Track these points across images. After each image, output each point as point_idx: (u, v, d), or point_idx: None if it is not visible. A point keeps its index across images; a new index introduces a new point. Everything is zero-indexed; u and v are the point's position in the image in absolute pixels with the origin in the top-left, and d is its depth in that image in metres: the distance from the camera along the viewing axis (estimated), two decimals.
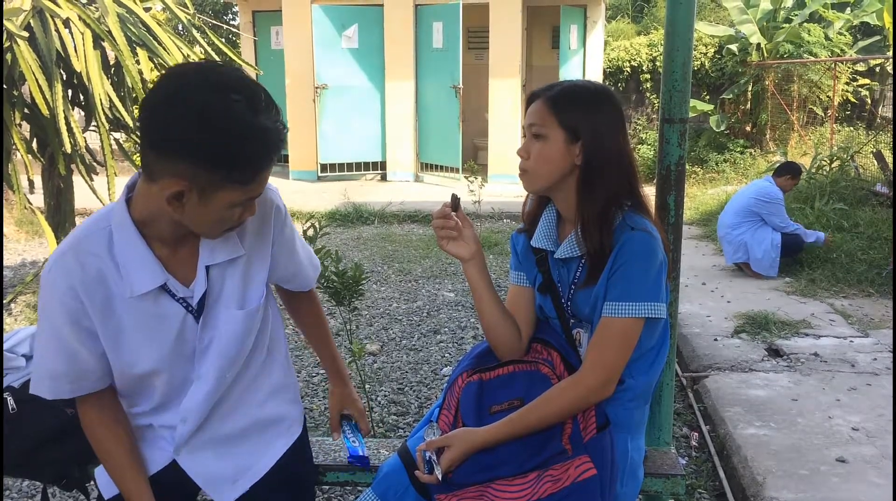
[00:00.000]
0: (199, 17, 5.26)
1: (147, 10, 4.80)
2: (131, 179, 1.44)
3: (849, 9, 11.83)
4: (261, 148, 1.31)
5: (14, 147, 4.25)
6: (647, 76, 12.57)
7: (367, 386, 3.78)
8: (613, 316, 1.61)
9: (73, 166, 4.55)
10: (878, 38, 11.72)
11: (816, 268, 5.97)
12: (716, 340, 4.54)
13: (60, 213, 4.81)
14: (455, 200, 1.72)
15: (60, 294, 1.39)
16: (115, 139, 4.70)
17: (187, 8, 4.99)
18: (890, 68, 11.50)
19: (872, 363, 4.11)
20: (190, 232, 1.43)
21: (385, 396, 3.82)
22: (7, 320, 4.95)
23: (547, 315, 1.79)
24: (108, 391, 1.53)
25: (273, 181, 1.54)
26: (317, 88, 10.65)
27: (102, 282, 1.40)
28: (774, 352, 4.34)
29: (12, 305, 5.22)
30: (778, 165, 6.92)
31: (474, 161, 10.08)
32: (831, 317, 4.92)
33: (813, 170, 8.54)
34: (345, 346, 4.43)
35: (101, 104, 4.15)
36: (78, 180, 4.76)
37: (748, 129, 11.96)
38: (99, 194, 4.46)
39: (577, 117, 1.63)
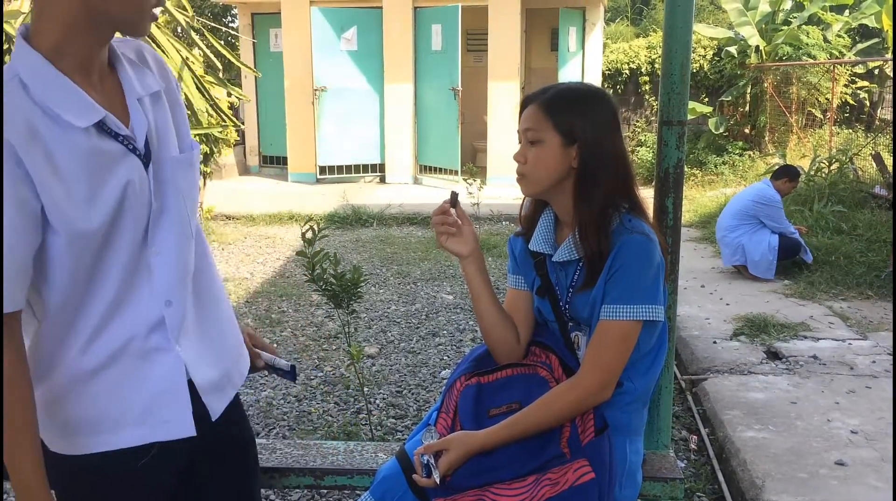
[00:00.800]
0: (197, 20, 5.26)
1: None
2: (22, 26, 1.25)
3: (847, 11, 11.85)
4: None
5: None
6: (646, 78, 12.59)
7: (365, 389, 3.77)
8: (611, 319, 1.61)
9: None
10: (876, 40, 11.74)
11: (815, 270, 5.96)
12: (715, 342, 4.54)
13: None
14: (454, 196, 1.73)
15: None
16: None
17: (186, 11, 4.98)
18: (889, 70, 11.51)
19: (871, 366, 4.11)
20: (104, 60, 1.29)
21: (383, 399, 3.82)
22: None
23: (545, 319, 1.79)
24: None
25: (272, 183, 1.47)
26: (316, 90, 10.65)
27: (35, 135, 1.17)
28: (773, 355, 4.33)
29: None
30: (776, 168, 6.93)
31: (473, 163, 10.12)
32: (830, 320, 4.91)
33: (812, 172, 8.55)
34: (343, 348, 4.42)
35: None
36: None
37: (747, 131, 11.97)
38: None
39: (571, 120, 1.63)
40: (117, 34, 1.29)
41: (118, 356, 1.30)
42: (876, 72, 11.83)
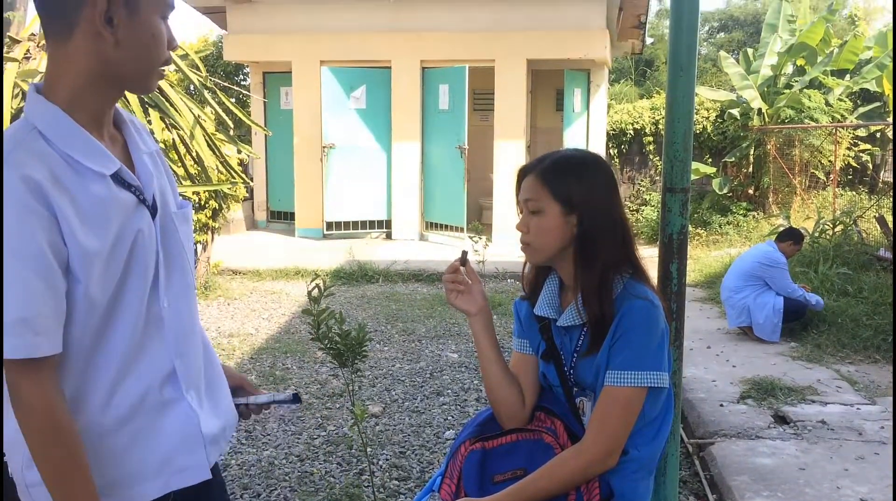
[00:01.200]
0: (210, 79, 5.38)
1: None
2: (32, 85, 1.29)
3: (848, 76, 12.05)
4: None
5: None
6: (650, 138, 12.74)
7: (368, 450, 3.73)
8: (616, 385, 1.61)
9: None
10: (878, 104, 11.91)
11: (822, 333, 5.93)
12: (722, 405, 4.50)
13: None
14: (464, 255, 1.79)
15: (21, 205, 1.15)
16: None
17: (199, 70, 5.10)
18: (890, 134, 11.65)
19: (880, 432, 4.05)
20: (111, 118, 1.34)
21: (386, 459, 3.77)
22: None
23: (550, 383, 1.79)
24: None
25: (279, 238, 1.49)
26: (324, 147, 10.81)
27: (58, 181, 1.19)
28: (781, 419, 4.28)
29: None
30: (781, 230, 6.96)
31: (479, 221, 10.17)
32: (838, 383, 4.87)
33: (816, 234, 8.57)
34: (347, 407, 4.39)
35: None
36: None
37: (751, 192, 12.06)
38: None
39: (569, 188, 1.67)
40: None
41: (136, 410, 1.30)
42: (878, 135, 11.97)
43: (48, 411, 1.18)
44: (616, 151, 12.88)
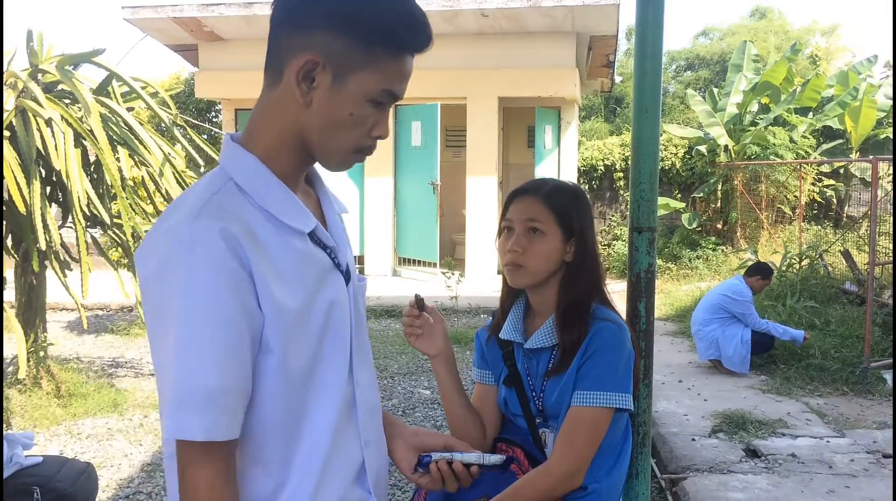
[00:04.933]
0: (180, 117, 5.38)
1: (130, 110, 4.90)
2: (227, 134, 1.19)
3: (811, 113, 12.35)
4: (410, 22, 1.13)
5: None
6: (621, 174, 12.92)
7: None
8: (583, 405, 1.63)
9: (46, 263, 4.53)
10: (840, 141, 12.20)
11: (791, 366, 5.99)
12: (694, 439, 4.50)
13: (31, 309, 4.75)
14: (419, 300, 1.74)
15: (217, 261, 1.00)
16: (90, 235, 4.70)
17: (170, 108, 5.10)
18: (853, 170, 11.92)
19: (850, 465, 4.08)
20: (304, 174, 1.22)
21: None
22: None
23: (512, 412, 1.79)
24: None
25: None
26: None
27: (254, 238, 1.06)
28: (752, 453, 4.30)
29: None
30: (750, 264, 7.05)
31: (452, 257, 10.20)
32: (807, 416, 4.91)
33: (783, 268, 8.70)
34: None
35: (79, 201, 4.17)
36: (50, 276, 4.73)
37: (719, 226, 12.24)
38: (72, 290, 4.43)
39: (571, 215, 1.71)
40: None
41: None
42: (841, 171, 12.24)
43: None
44: (587, 186, 13.04)
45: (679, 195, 12.64)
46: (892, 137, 11.47)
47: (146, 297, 1.04)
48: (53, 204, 4.70)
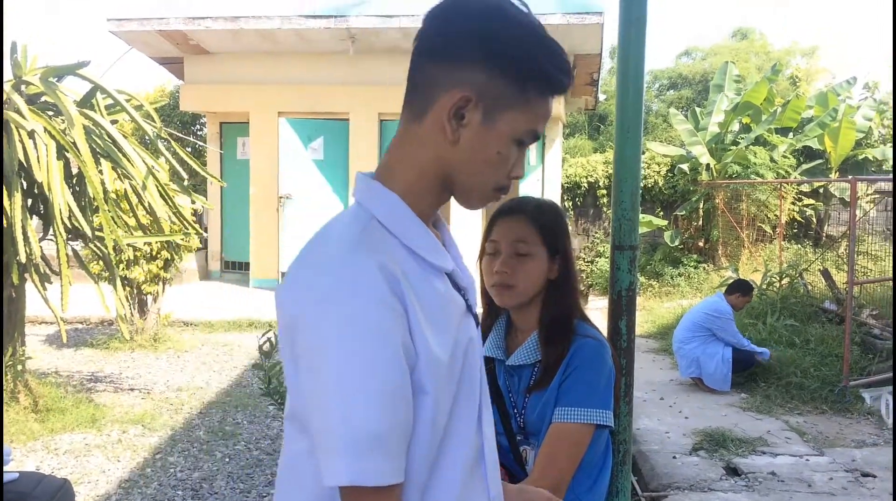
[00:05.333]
0: (165, 130, 5.36)
1: (114, 122, 4.88)
2: (360, 173, 1.17)
3: (791, 134, 12.51)
4: (562, 64, 1.12)
5: None
6: (604, 191, 13.00)
7: None
8: (565, 421, 1.63)
9: (26, 275, 4.49)
10: (820, 161, 12.36)
11: (771, 384, 6.03)
12: (674, 457, 4.52)
13: (10, 322, 4.70)
14: None
15: (379, 296, 0.97)
16: (71, 248, 4.67)
17: (154, 121, 5.08)
18: (833, 189, 12.07)
19: (829, 483, 4.11)
20: (436, 212, 1.19)
21: None
22: None
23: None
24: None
25: (233, 289, 1.23)
26: (281, 197, 10.78)
27: (404, 275, 1.03)
28: (732, 471, 4.32)
29: None
30: (730, 281, 7.11)
31: None
32: (787, 435, 4.94)
33: (764, 286, 8.78)
34: None
35: (61, 214, 4.14)
36: (30, 289, 4.68)
37: (701, 244, 12.33)
38: (51, 303, 4.38)
39: (555, 235, 1.74)
40: None
41: None
42: (821, 191, 12.39)
43: None
44: (571, 203, 13.11)
45: (661, 213, 12.73)
46: (892, 155, 11.64)
47: (298, 333, 1.00)
48: (34, 216, 4.66)
